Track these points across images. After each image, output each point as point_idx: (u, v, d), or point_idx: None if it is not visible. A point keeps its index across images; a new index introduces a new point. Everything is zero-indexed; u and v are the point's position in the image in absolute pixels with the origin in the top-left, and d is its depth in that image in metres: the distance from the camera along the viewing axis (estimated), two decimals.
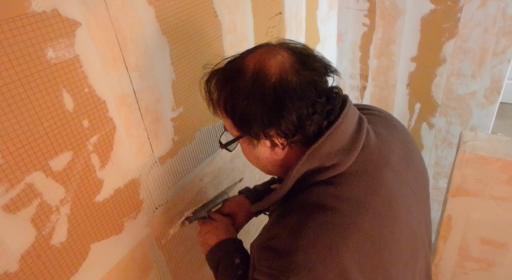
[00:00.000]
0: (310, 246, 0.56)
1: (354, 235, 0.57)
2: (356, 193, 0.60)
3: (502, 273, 1.29)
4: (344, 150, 0.62)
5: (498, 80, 1.65)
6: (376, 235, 0.59)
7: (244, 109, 0.59)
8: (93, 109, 0.64)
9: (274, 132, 0.60)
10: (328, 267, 0.55)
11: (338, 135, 0.61)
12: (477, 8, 1.54)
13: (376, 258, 0.59)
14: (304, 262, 0.55)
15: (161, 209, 0.87)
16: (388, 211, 0.61)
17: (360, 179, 0.62)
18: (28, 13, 0.51)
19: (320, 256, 0.55)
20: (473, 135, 1.17)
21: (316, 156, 0.61)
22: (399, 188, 0.65)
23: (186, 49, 0.83)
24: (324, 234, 0.56)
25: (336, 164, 0.61)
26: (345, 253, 0.56)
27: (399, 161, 0.68)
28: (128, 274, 0.81)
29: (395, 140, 0.70)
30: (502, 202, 1.15)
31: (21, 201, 0.56)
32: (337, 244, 0.56)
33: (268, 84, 0.58)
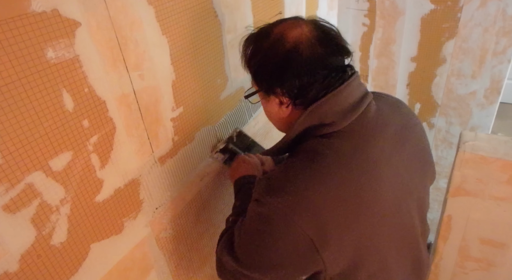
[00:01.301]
0: (292, 176, 0.66)
1: (333, 178, 0.65)
2: (345, 147, 0.68)
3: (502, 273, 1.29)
4: (343, 112, 0.70)
5: (498, 80, 1.65)
6: (354, 186, 0.66)
7: (260, 65, 0.72)
8: (93, 109, 0.64)
9: (279, 90, 0.71)
10: (301, 195, 0.64)
11: (339, 99, 0.70)
12: (477, 8, 1.54)
13: (352, 208, 0.65)
14: (284, 187, 0.65)
15: (161, 209, 0.87)
16: (371, 169, 0.68)
17: (352, 138, 0.70)
18: (28, 13, 0.51)
19: (297, 185, 0.64)
20: (473, 135, 1.17)
21: (316, 113, 0.69)
22: (388, 156, 0.72)
23: (186, 49, 0.83)
24: (307, 170, 0.66)
25: (333, 122, 0.69)
26: (319, 189, 0.64)
27: (394, 135, 0.75)
28: (128, 274, 0.81)
29: (395, 118, 0.78)
30: (502, 202, 1.15)
31: (21, 201, 0.56)
32: (315, 179, 0.65)
33: (282, 49, 0.68)
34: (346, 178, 0.65)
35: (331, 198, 0.64)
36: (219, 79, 0.99)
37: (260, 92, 0.76)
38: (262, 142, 1.31)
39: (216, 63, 0.95)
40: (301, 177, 0.65)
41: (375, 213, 0.68)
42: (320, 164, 0.66)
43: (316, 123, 0.70)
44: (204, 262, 1.11)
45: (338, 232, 0.65)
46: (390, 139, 0.73)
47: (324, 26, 0.72)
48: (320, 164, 0.66)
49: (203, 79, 0.92)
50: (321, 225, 0.63)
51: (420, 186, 0.81)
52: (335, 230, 0.64)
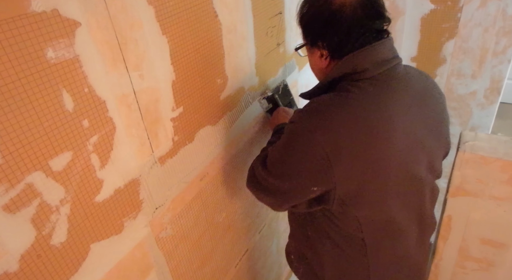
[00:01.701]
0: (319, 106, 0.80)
1: (353, 110, 0.77)
2: (370, 89, 0.80)
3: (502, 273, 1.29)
4: (374, 63, 0.81)
5: (498, 80, 1.65)
6: (370, 121, 0.77)
7: (308, 22, 0.85)
8: (93, 109, 0.64)
9: (321, 44, 0.84)
10: (325, 119, 0.77)
11: (372, 53, 0.81)
12: (477, 8, 1.54)
13: (364, 138, 0.76)
14: (311, 112, 0.80)
15: (161, 209, 0.87)
16: (389, 113, 0.79)
17: (378, 85, 0.81)
18: (28, 13, 0.51)
19: (323, 112, 0.78)
20: (473, 135, 1.17)
21: (350, 62, 0.81)
22: (407, 108, 0.82)
23: (186, 49, 0.83)
24: (332, 101, 0.80)
25: (365, 69, 0.80)
26: (342, 115, 0.77)
27: (417, 94, 0.85)
28: (128, 274, 0.81)
29: (421, 82, 0.89)
30: (502, 202, 1.14)
31: (21, 201, 0.56)
32: (338, 109, 0.78)
33: (328, 10, 0.80)
34: (365, 112, 0.77)
35: (348, 124, 0.76)
36: (219, 79, 0.99)
37: (306, 45, 0.89)
38: (261, 142, 1.31)
39: (216, 63, 0.95)
40: (327, 105, 0.79)
41: (383, 150, 0.78)
42: (344, 97, 0.79)
43: (349, 71, 0.82)
44: (204, 262, 1.11)
45: (350, 154, 0.76)
46: (412, 96, 0.84)
47: None
48: (345, 97, 0.79)
49: (203, 79, 0.92)
50: (337, 144, 0.76)
51: (434, 148, 0.89)
52: (347, 151, 0.76)
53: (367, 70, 0.80)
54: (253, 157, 1.28)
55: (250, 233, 1.39)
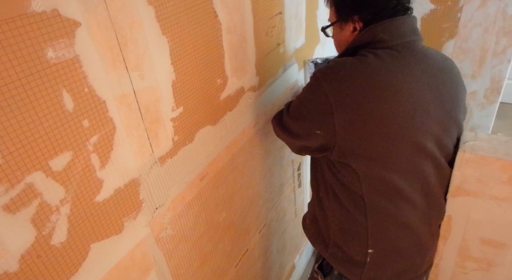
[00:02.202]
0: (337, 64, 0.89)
1: (364, 69, 0.85)
2: (385, 55, 0.87)
3: (502, 273, 1.29)
4: (394, 34, 0.89)
5: (498, 80, 1.65)
6: (377, 81, 0.84)
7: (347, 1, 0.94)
8: (93, 109, 0.64)
9: (358, 17, 0.93)
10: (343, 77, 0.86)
11: (391, 26, 0.89)
12: (477, 8, 1.54)
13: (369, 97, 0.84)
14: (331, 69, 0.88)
15: (161, 209, 0.87)
16: (398, 74, 0.85)
17: (393, 54, 0.88)
18: (28, 13, 0.51)
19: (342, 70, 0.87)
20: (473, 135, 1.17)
21: (370, 32, 0.90)
22: (418, 77, 0.88)
23: (186, 49, 0.83)
24: (348, 61, 0.88)
25: (382, 40, 0.89)
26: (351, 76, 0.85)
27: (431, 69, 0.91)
28: (128, 274, 0.81)
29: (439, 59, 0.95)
30: (502, 202, 1.14)
31: (21, 201, 0.56)
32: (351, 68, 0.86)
33: None
34: (373, 72, 0.84)
35: (355, 79, 0.84)
36: (219, 79, 0.99)
37: (338, 22, 0.97)
38: (261, 142, 1.31)
39: (216, 63, 0.95)
40: (341, 63, 0.88)
41: (386, 109, 0.84)
42: (358, 59, 0.87)
43: (368, 40, 0.90)
44: (204, 262, 1.11)
45: (352, 105, 0.84)
46: (425, 71, 0.89)
47: None
48: (358, 59, 0.87)
49: (203, 79, 0.92)
50: (341, 94, 0.85)
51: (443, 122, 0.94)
52: (350, 102, 0.84)
53: (385, 40, 0.88)
54: (253, 157, 1.28)
55: (250, 233, 1.39)
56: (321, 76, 0.88)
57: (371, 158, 0.89)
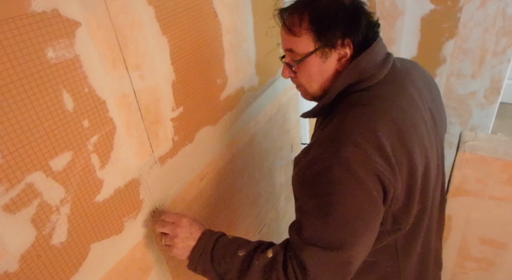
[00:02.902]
0: (352, 128, 0.71)
1: (384, 119, 0.72)
2: (386, 94, 0.77)
3: (502, 273, 1.29)
4: (378, 65, 0.79)
5: (498, 80, 1.65)
6: (402, 123, 0.74)
7: (331, 19, 0.76)
8: (93, 109, 0.64)
9: (350, 41, 0.77)
10: (368, 140, 0.69)
11: (373, 55, 0.78)
12: (477, 8, 1.54)
13: (402, 140, 0.72)
14: (349, 139, 0.69)
15: (161, 209, 0.87)
16: (409, 108, 0.77)
17: (389, 86, 0.79)
18: (28, 13, 0.51)
19: (360, 133, 0.69)
20: (473, 135, 1.17)
21: (356, 69, 0.77)
22: (419, 99, 0.81)
23: (186, 49, 0.83)
24: (361, 119, 0.72)
25: (371, 76, 0.77)
26: (379, 131, 0.70)
27: (420, 83, 0.85)
28: (128, 274, 0.81)
29: (416, 71, 0.88)
30: (502, 202, 1.15)
31: (21, 201, 0.56)
32: (372, 125, 0.71)
33: (346, 2, 0.76)
34: (395, 119, 0.73)
35: (390, 137, 0.71)
36: (219, 79, 0.99)
37: (319, 50, 0.78)
38: (261, 142, 1.31)
39: (216, 63, 0.95)
40: (360, 124, 0.71)
41: (414, 140, 0.75)
42: (372, 112, 0.73)
43: (355, 79, 0.78)
44: None
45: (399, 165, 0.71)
46: (416, 87, 0.83)
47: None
48: (373, 111, 0.73)
49: (203, 79, 0.92)
50: (389, 162, 0.69)
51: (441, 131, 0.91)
52: (397, 164, 0.71)
53: (375, 75, 0.77)
54: (253, 157, 1.28)
55: (250, 233, 1.39)
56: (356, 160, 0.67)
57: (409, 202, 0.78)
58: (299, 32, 0.78)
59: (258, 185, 1.37)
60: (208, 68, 0.92)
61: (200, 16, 0.85)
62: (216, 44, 0.94)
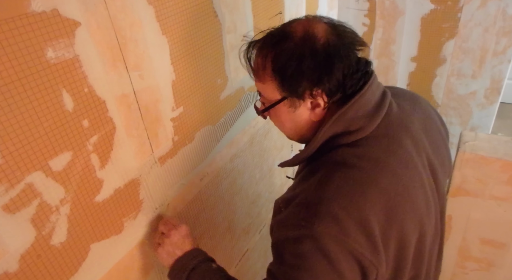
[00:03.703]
0: (333, 197, 0.62)
1: (373, 190, 0.63)
2: (376, 153, 0.66)
3: (502, 273, 1.29)
4: (368, 116, 0.67)
5: (498, 80, 1.65)
6: (393, 192, 0.64)
7: (295, 68, 0.64)
8: (93, 109, 0.64)
9: (321, 91, 0.66)
10: (349, 215, 0.60)
11: (363, 102, 0.66)
12: (477, 8, 1.54)
13: (392, 212, 0.64)
14: (328, 211, 0.60)
15: (161, 209, 0.87)
16: (404, 172, 0.67)
17: (380, 141, 0.67)
18: (28, 13, 0.51)
19: (342, 206, 0.61)
20: (473, 135, 1.17)
21: (341, 120, 0.66)
22: (416, 153, 0.70)
23: (186, 49, 0.83)
24: (346, 188, 0.62)
25: (360, 128, 0.66)
26: (364, 205, 0.61)
27: (419, 131, 0.73)
28: (128, 274, 0.81)
29: (416, 113, 0.76)
30: (502, 202, 1.14)
31: (21, 201, 0.56)
32: (357, 197, 0.62)
33: (318, 44, 0.64)
34: (386, 188, 0.64)
35: (375, 214, 0.62)
36: (219, 79, 0.99)
37: (287, 99, 0.68)
38: (261, 142, 1.31)
39: (216, 63, 0.95)
40: (342, 196, 0.62)
41: (408, 211, 0.67)
42: (358, 179, 0.63)
43: (341, 130, 0.67)
44: None
45: (386, 243, 0.64)
46: (416, 137, 0.72)
47: (331, 21, 0.69)
48: (358, 179, 0.63)
49: (203, 79, 0.92)
50: (373, 240, 0.61)
51: (443, 181, 0.80)
52: (384, 242, 0.63)
53: (363, 128, 0.66)
54: (253, 157, 1.28)
55: (250, 233, 1.39)
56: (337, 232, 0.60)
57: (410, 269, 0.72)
58: (264, 78, 0.69)
59: (258, 185, 1.37)
60: (208, 68, 0.92)
61: (200, 16, 0.85)
62: (216, 44, 0.94)
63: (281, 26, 0.70)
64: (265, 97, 0.72)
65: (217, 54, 0.95)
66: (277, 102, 0.70)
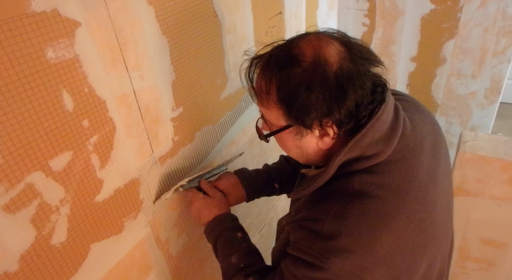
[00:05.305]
0: (353, 232, 0.58)
1: (396, 221, 0.59)
2: (396, 180, 0.62)
3: (502, 273, 1.29)
4: (385, 139, 0.62)
5: (498, 80, 1.65)
6: (417, 219, 0.61)
7: (304, 98, 0.58)
8: (93, 109, 0.64)
9: (331, 122, 0.60)
10: (369, 251, 0.58)
11: (379, 125, 0.61)
12: (477, 8, 1.54)
13: (417, 240, 0.61)
14: (347, 246, 0.58)
15: (161, 209, 0.87)
16: (426, 195, 0.63)
17: (399, 166, 0.63)
18: (28, 13, 0.51)
19: (362, 241, 0.58)
20: (473, 135, 1.17)
21: (358, 146, 0.61)
22: (433, 172, 0.67)
23: (186, 49, 0.83)
24: (367, 221, 0.59)
25: (376, 153, 0.62)
26: (388, 239, 0.59)
27: (430, 146, 0.70)
28: (128, 274, 0.81)
29: (426, 125, 0.72)
30: (502, 202, 1.15)
31: (21, 201, 0.56)
32: (380, 231, 0.58)
33: (330, 72, 0.57)
34: (408, 219, 0.60)
35: (399, 247, 0.59)
36: (219, 79, 0.99)
37: (295, 126, 0.62)
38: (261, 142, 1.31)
39: (216, 63, 0.95)
40: (363, 231, 0.58)
41: (434, 243, 0.65)
42: (379, 211, 0.59)
43: (356, 155, 0.62)
44: (204, 262, 1.11)
45: (410, 275, 0.62)
46: (429, 153, 0.68)
47: (344, 36, 0.64)
48: (380, 211, 0.59)
49: (203, 79, 0.92)
50: (395, 276, 0.60)
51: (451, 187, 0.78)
52: (407, 274, 0.61)
53: (380, 153, 0.62)
54: (253, 157, 1.28)
55: (250, 233, 1.39)
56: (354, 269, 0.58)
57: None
58: (268, 103, 0.63)
59: None
60: (208, 68, 0.92)
61: (200, 16, 0.85)
62: (216, 44, 0.94)
63: (287, 44, 0.63)
64: (268, 121, 0.68)
65: (217, 54, 0.95)
66: (282, 129, 0.65)
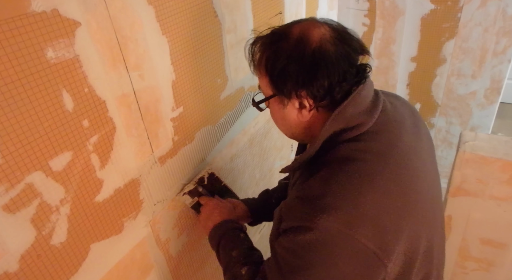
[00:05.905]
0: (338, 190, 0.62)
1: (379, 180, 0.63)
2: (378, 146, 0.67)
3: (502, 273, 1.29)
4: (366, 111, 0.69)
5: (498, 80, 1.65)
6: (400, 181, 0.65)
7: (283, 68, 0.67)
8: (93, 109, 0.64)
9: (305, 93, 0.67)
10: (355, 206, 0.61)
11: (360, 99, 0.68)
12: (477, 8, 1.54)
13: (400, 202, 0.64)
14: (332, 203, 0.61)
15: (161, 209, 0.87)
16: (408, 162, 0.68)
17: (381, 135, 0.69)
18: (28, 13, 0.51)
19: (347, 198, 0.61)
20: (473, 135, 1.17)
21: (341, 117, 0.67)
22: (415, 145, 0.73)
23: (186, 49, 0.83)
24: (352, 180, 0.63)
25: (360, 124, 0.68)
26: (372, 195, 0.62)
27: (411, 125, 0.76)
28: (128, 274, 0.81)
29: (405, 109, 0.79)
30: (502, 202, 1.15)
31: (21, 201, 0.56)
32: (364, 188, 0.62)
33: (309, 49, 0.65)
34: (390, 179, 0.64)
35: (384, 204, 0.62)
36: (219, 79, 0.99)
37: (277, 96, 0.71)
38: (261, 142, 1.31)
39: (216, 63, 0.95)
40: (348, 189, 0.62)
41: (418, 208, 0.67)
42: (363, 171, 0.63)
43: (341, 127, 0.68)
44: (204, 262, 1.11)
45: (396, 236, 0.62)
46: (410, 131, 0.74)
47: (338, 25, 0.71)
48: (364, 171, 0.63)
49: (203, 79, 0.92)
50: (381, 234, 0.61)
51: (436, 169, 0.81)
52: (393, 235, 0.62)
53: (363, 124, 0.68)
54: (253, 157, 1.28)
55: (250, 233, 1.39)
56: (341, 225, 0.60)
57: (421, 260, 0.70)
58: (260, 72, 0.73)
59: (258, 185, 1.37)
60: (208, 68, 0.93)
61: (200, 16, 0.85)
62: (216, 44, 0.94)
63: (286, 25, 0.72)
64: (262, 90, 0.76)
65: (217, 54, 0.95)
66: (268, 97, 0.73)
